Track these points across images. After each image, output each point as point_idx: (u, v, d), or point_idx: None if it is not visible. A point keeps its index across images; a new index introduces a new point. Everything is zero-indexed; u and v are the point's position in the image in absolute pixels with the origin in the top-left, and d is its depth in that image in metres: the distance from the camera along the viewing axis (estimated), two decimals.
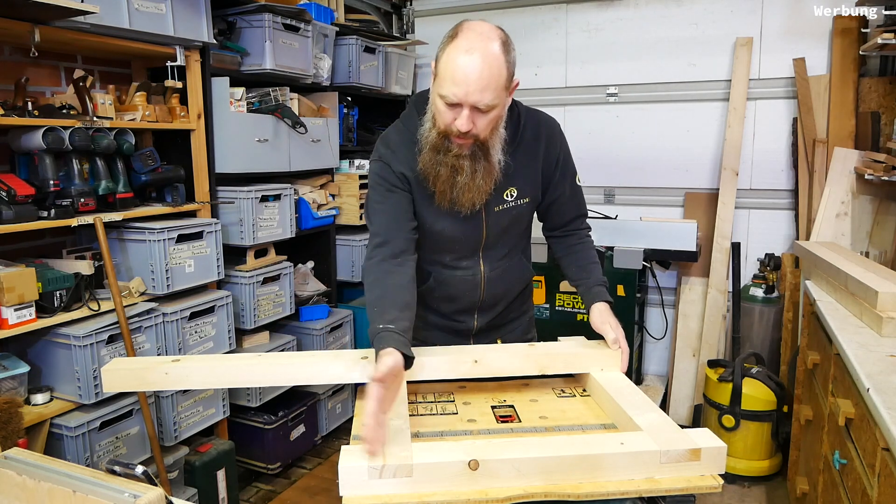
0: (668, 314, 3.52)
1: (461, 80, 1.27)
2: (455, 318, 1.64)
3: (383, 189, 1.47)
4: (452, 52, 1.29)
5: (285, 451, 2.88)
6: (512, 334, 1.71)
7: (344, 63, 3.17)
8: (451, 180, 1.40)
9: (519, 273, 1.64)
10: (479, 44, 1.28)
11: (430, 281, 1.58)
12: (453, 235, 1.52)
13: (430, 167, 1.41)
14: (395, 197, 1.47)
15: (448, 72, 1.29)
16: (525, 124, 1.52)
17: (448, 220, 1.49)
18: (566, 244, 1.66)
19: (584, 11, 3.55)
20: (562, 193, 1.60)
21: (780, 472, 2.86)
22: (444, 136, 1.36)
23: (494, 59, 1.28)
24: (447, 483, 1.03)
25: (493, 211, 1.51)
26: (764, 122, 3.26)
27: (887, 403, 1.29)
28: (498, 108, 1.34)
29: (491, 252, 1.57)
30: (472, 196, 1.42)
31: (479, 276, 1.57)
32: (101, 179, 2.11)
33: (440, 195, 1.43)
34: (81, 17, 1.88)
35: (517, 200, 1.53)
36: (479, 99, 1.29)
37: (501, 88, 1.31)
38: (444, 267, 1.57)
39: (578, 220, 1.66)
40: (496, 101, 1.31)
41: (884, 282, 1.87)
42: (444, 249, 1.55)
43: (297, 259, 3.11)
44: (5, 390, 1.84)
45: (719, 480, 1.07)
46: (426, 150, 1.41)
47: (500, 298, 1.63)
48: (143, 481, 0.91)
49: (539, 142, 1.53)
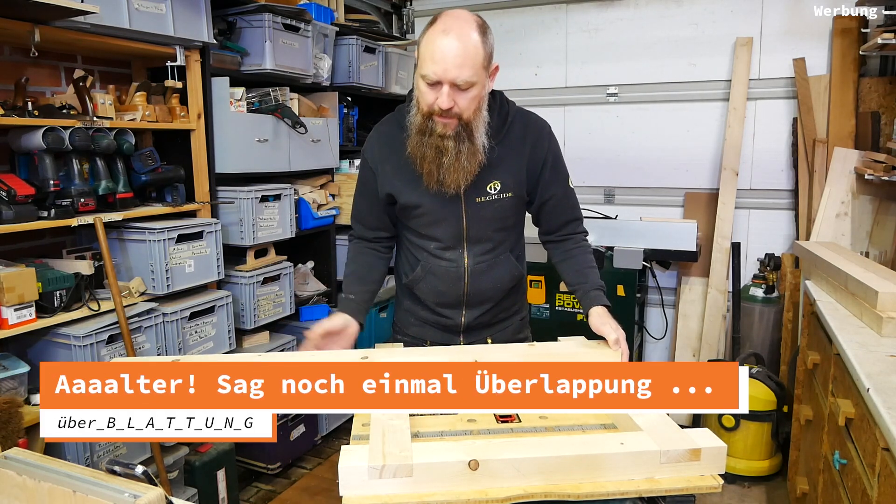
0: (668, 314, 3.52)
1: (439, 58, 1.36)
2: (442, 312, 1.67)
3: (360, 181, 1.67)
4: (431, 34, 1.39)
5: (285, 451, 2.88)
6: (502, 333, 1.72)
7: (344, 63, 3.17)
8: (437, 161, 1.47)
9: (506, 271, 1.65)
10: (454, 24, 1.38)
11: (419, 269, 1.64)
12: (434, 220, 1.58)
13: (417, 149, 1.49)
14: (367, 189, 1.64)
15: (427, 52, 1.38)
16: (513, 121, 1.57)
17: (428, 202, 1.56)
18: (563, 249, 1.67)
19: (584, 11, 3.55)
20: (553, 195, 1.62)
21: (780, 472, 2.86)
22: (428, 118, 1.44)
23: (469, 38, 1.37)
24: (447, 483, 1.03)
25: (474, 201, 1.55)
26: (764, 122, 3.26)
27: (887, 403, 1.29)
28: (477, 88, 1.41)
29: (475, 246, 1.60)
30: (457, 176, 1.48)
31: (462, 269, 1.61)
32: (101, 179, 2.11)
33: (427, 176, 1.50)
34: (81, 17, 1.88)
35: (500, 194, 1.57)
36: (457, 75, 1.36)
37: (479, 67, 1.39)
38: (431, 255, 1.63)
39: (573, 223, 1.67)
40: (474, 77, 1.38)
41: (884, 282, 1.87)
42: (428, 236, 1.61)
43: (297, 259, 3.11)
44: (5, 390, 1.84)
45: (719, 480, 1.07)
46: (413, 133, 1.49)
47: (486, 295, 1.65)
48: (143, 481, 0.91)
49: (525, 140, 1.57)
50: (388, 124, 1.63)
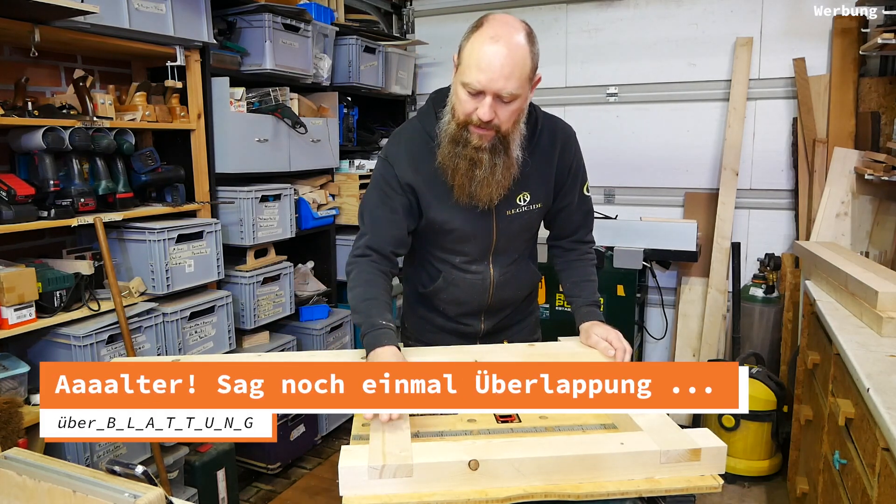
0: (668, 314, 3.52)
1: (486, 66, 1.27)
2: (461, 321, 1.63)
3: (380, 190, 1.48)
4: (478, 39, 1.29)
5: (285, 451, 2.88)
6: (518, 335, 1.70)
7: (344, 63, 3.17)
8: (469, 173, 1.38)
9: (527, 278, 1.63)
10: (504, 32, 1.28)
11: (440, 281, 1.57)
12: (463, 236, 1.51)
13: (449, 160, 1.39)
14: (391, 202, 1.47)
15: (473, 59, 1.28)
16: (542, 128, 1.50)
17: (459, 220, 1.48)
18: (566, 259, 1.64)
19: (584, 11, 3.55)
20: (570, 202, 1.58)
21: (780, 472, 2.86)
22: (464, 127, 1.35)
23: (519, 48, 1.28)
24: (447, 483, 1.03)
25: (505, 215, 1.50)
26: (764, 122, 3.26)
27: (887, 403, 1.29)
28: (520, 100, 1.33)
29: (501, 257, 1.56)
30: (490, 191, 1.40)
31: (488, 281, 1.56)
32: (101, 179, 2.11)
33: (458, 189, 1.42)
34: (81, 17, 1.88)
35: (530, 206, 1.51)
36: (502, 86, 1.28)
37: (525, 79, 1.31)
38: (455, 268, 1.56)
39: (583, 231, 1.63)
40: (519, 90, 1.30)
41: (884, 282, 1.87)
42: (455, 251, 1.54)
43: (297, 259, 3.11)
44: (5, 390, 1.84)
45: (719, 480, 1.07)
46: (445, 142, 1.39)
47: (507, 303, 1.63)
48: (143, 481, 0.91)
49: (555, 148, 1.52)
50: (413, 131, 1.51)
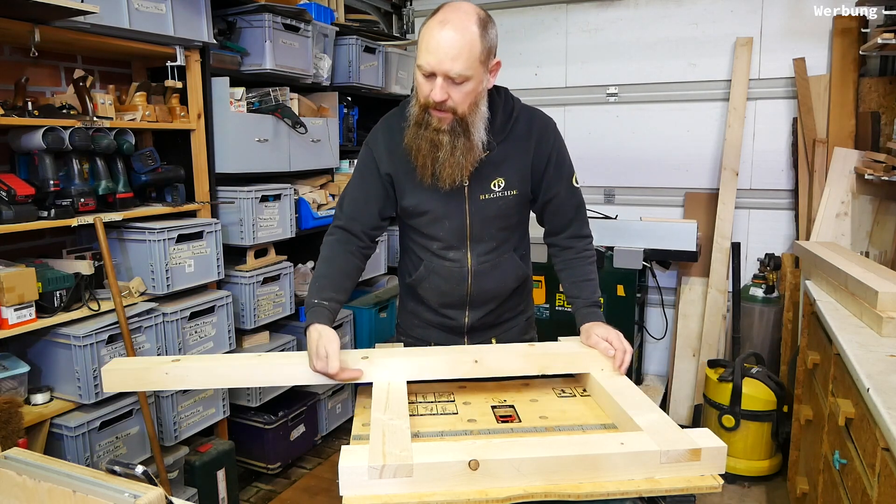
0: (668, 314, 3.52)
1: (434, 48, 1.34)
2: (445, 313, 1.66)
3: (359, 172, 1.59)
4: (429, 24, 1.37)
5: (285, 451, 2.88)
6: (507, 334, 1.71)
7: (344, 63, 3.17)
8: (431, 154, 1.46)
9: (511, 271, 1.64)
10: (453, 16, 1.35)
11: (422, 269, 1.62)
12: (436, 218, 1.55)
13: (412, 141, 1.47)
14: (366, 184, 1.57)
15: (424, 42, 1.36)
16: (518, 117, 1.55)
17: (432, 202, 1.54)
18: (564, 258, 1.64)
19: (584, 11, 3.55)
20: (557, 193, 1.59)
21: (780, 472, 2.86)
22: (425, 110, 1.42)
23: (467, 31, 1.34)
24: (447, 483, 1.03)
25: (478, 199, 1.54)
26: (764, 122, 3.26)
27: (887, 403, 1.29)
28: (473, 82, 1.38)
29: (478, 245, 1.58)
30: (451, 172, 1.46)
31: (465, 269, 1.59)
32: (101, 179, 2.11)
33: (421, 169, 1.48)
34: (81, 17, 1.88)
35: (504, 192, 1.55)
36: (449, 67, 1.34)
37: (475, 61, 1.36)
38: (434, 255, 1.61)
39: (577, 225, 1.63)
40: (468, 71, 1.36)
41: (884, 282, 1.87)
42: (431, 236, 1.59)
43: (297, 259, 3.11)
44: (5, 390, 1.84)
45: (719, 480, 1.07)
46: (411, 125, 1.47)
47: (490, 296, 1.63)
48: (143, 481, 0.91)
49: (530, 136, 1.55)
50: (393, 116, 1.59)
